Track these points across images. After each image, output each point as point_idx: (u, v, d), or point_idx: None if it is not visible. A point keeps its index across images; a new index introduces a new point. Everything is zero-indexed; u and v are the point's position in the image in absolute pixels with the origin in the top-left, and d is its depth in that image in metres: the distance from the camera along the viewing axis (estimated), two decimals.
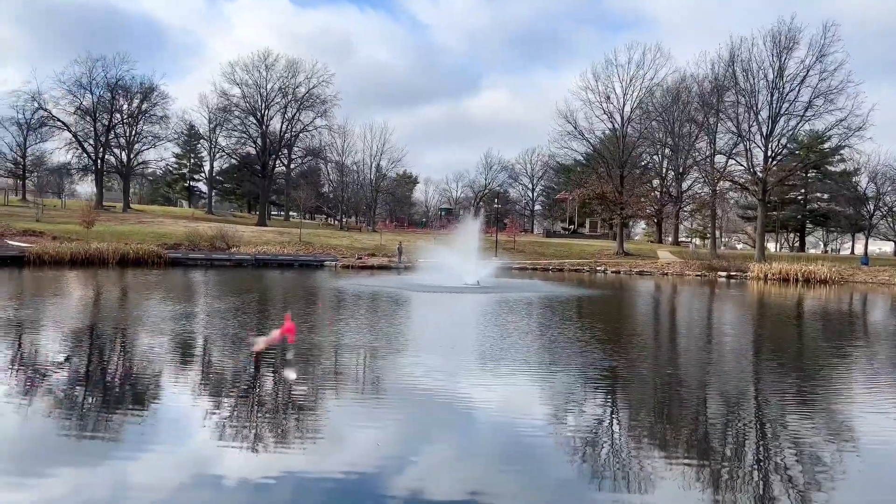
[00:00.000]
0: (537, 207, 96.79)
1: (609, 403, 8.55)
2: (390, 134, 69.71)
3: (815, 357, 13.18)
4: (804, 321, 20.74)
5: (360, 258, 41.57)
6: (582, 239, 64.45)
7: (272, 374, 9.32)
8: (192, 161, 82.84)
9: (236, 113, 65.98)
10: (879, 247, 76.94)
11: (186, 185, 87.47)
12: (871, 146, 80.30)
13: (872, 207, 67.64)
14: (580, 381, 9.39)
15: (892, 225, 71.19)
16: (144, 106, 64.26)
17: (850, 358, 13.00)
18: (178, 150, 78.51)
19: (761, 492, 5.54)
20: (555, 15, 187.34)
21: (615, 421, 7.70)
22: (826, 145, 56.98)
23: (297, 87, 65.01)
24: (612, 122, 52.85)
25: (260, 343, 8.07)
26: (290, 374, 8.73)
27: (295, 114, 65.94)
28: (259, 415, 7.33)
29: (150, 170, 72.36)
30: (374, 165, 72.62)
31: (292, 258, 40.13)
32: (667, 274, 41.58)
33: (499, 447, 6.56)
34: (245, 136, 68.00)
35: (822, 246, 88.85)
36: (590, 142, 54.35)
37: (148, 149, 66.85)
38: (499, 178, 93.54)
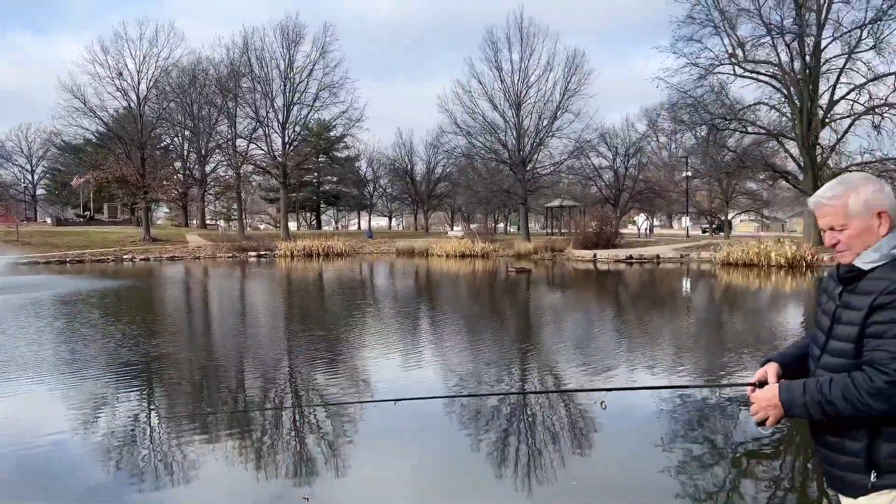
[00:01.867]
0: (41, 192, 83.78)
1: (145, 398, 8.13)
2: None
3: (339, 321, 15.02)
4: (328, 291, 23.33)
5: None
6: (101, 226, 58.55)
7: None
8: None
9: None
10: (377, 222, 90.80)
11: None
12: (368, 135, 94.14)
13: (372, 188, 79.54)
14: (111, 381, 8.73)
15: (386, 203, 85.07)
16: None
17: (365, 319, 15.26)
18: None
19: (298, 449, 6.11)
20: None
21: (153, 415, 7.39)
22: (333, 133, 64.17)
23: None
24: (126, 100, 49.10)
25: None
26: None
27: None
28: None
29: None
30: None
31: None
32: (199, 258, 41.23)
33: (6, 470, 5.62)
34: None
35: (333, 223, 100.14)
36: (103, 120, 49.50)
37: None
38: None
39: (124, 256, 39.75)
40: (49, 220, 68.50)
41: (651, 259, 35.14)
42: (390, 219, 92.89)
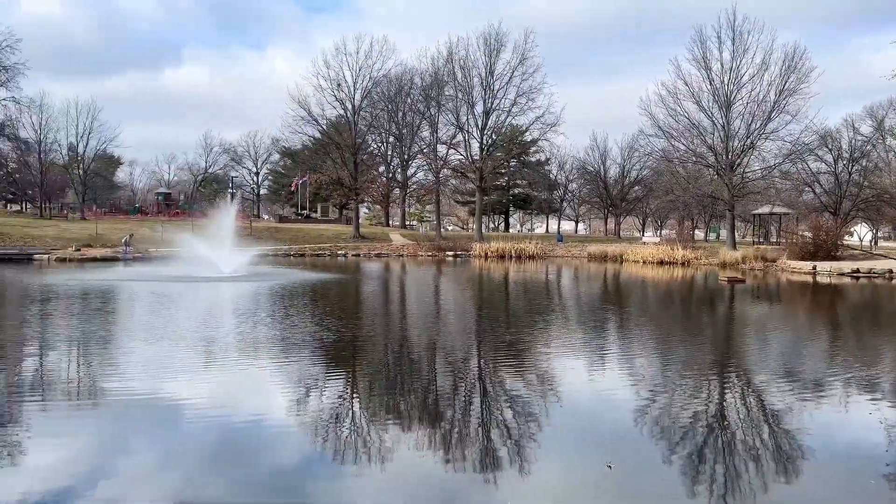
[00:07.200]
0: (263, 191, 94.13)
1: (345, 383, 8.67)
2: (100, 111, 60.33)
3: (526, 322, 14.62)
4: (526, 291, 23.42)
5: (79, 249, 36.69)
6: (315, 224, 64.59)
7: None
8: None
9: None
10: (563, 226, 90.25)
11: None
12: (563, 140, 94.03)
13: (562, 192, 79.37)
14: (326, 365, 9.62)
15: (574, 207, 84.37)
16: None
17: (554, 322, 14.78)
18: None
19: (486, 444, 6.15)
20: None
21: (353, 400, 7.81)
22: (527, 137, 64.97)
23: None
24: (343, 109, 53.73)
25: None
26: None
27: None
28: None
29: None
30: (84, 146, 62.28)
31: None
32: (402, 255, 44.12)
33: (210, 446, 6.01)
34: None
35: (519, 226, 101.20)
36: (323, 128, 54.61)
37: None
38: (220, 161, 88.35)
39: (338, 252, 43.64)
40: (269, 217, 76.78)
41: (882, 274, 31.48)
42: (577, 223, 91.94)
